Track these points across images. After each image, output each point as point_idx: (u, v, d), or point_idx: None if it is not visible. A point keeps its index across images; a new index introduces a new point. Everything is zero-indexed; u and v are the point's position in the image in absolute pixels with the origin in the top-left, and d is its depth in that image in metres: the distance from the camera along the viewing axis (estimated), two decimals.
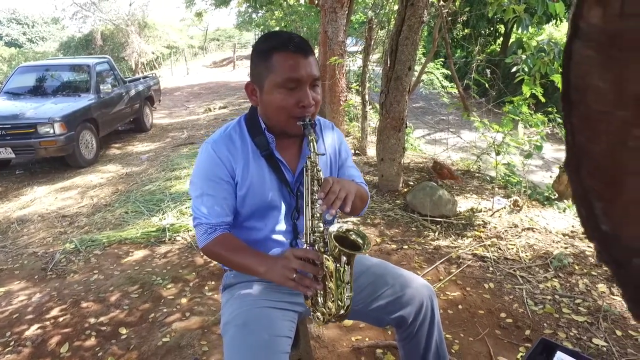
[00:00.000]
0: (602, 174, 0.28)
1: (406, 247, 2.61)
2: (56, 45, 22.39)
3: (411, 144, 5.88)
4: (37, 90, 6.04)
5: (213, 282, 2.40)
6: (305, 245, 1.01)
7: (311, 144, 1.02)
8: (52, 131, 4.95)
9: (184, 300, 2.24)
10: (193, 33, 28.44)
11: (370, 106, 5.50)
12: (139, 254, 2.86)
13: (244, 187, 1.12)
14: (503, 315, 1.94)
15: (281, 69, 1.01)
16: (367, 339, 1.81)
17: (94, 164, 5.58)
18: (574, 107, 0.31)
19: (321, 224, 0.99)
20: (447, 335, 1.80)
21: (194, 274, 2.50)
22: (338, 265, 0.93)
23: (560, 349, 0.86)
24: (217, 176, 1.10)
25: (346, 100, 5.71)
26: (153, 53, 20.58)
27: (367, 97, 4.76)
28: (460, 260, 2.43)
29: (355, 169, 1.30)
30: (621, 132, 0.26)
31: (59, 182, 4.92)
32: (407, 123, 3.61)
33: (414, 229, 2.86)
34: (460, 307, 2.01)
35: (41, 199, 4.39)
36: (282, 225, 1.17)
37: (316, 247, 0.98)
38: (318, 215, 1.00)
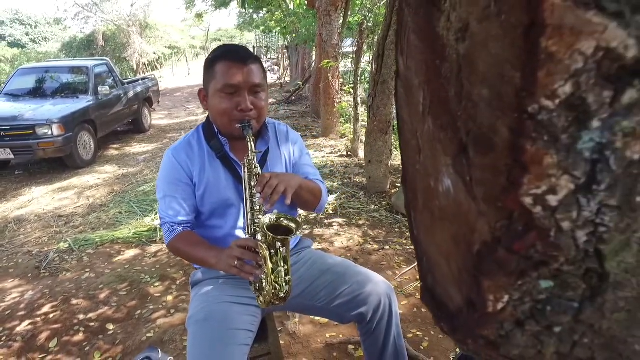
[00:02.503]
0: (411, 188, 0.35)
1: (387, 247, 2.68)
2: (58, 46, 22.53)
3: (393, 145, 5.91)
4: (37, 92, 6.14)
5: (189, 283, 2.47)
6: (248, 235, 1.09)
7: (249, 142, 1.11)
8: (50, 132, 5.04)
9: (169, 298, 2.32)
10: (195, 33, 28.56)
11: (363, 108, 5.57)
12: (130, 253, 2.94)
13: (201, 187, 1.21)
14: None
15: (221, 75, 1.12)
16: (340, 336, 1.88)
17: (92, 164, 5.66)
18: (400, 134, 0.38)
19: (260, 216, 1.07)
20: (418, 333, 1.88)
21: (181, 272, 2.58)
22: (272, 251, 1.00)
23: None
24: (177, 179, 1.21)
25: (340, 102, 5.78)
26: (154, 53, 20.71)
27: (358, 99, 4.82)
28: None
29: (311, 167, 1.38)
30: (414, 157, 0.33)
31: (56, 183, 5.01)
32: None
33: (396, 230, 2.93)
34: None
35: (39, 199, 4.48)
36: (240, 222, 1.25)
37: (257, 237, 1.05)
38: (257, 208, 1.08)
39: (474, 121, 0.21)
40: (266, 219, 1.02)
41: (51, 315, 2.23)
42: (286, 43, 14.88)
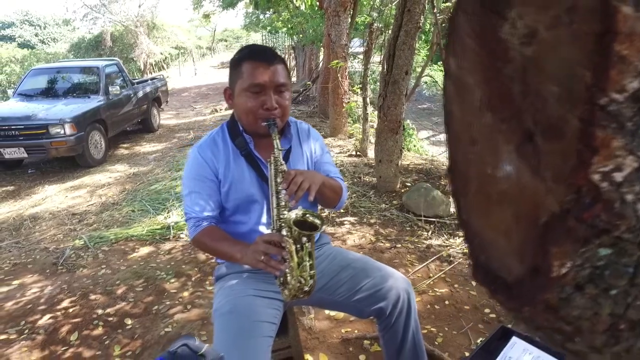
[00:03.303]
0: (461, 177, 0.39)
1: (399, 245, 2.70)
2: (67, 47, 22.74)
3: (414, 145, 5.95)
4: (49, 92, 6.24)
5: (213, 277, 2.52)
6: (273, 230, 1.12)
7: (275, 140, 1.15)
8: (62, 132, 5.13)
9: (185, 294, 2.36)
10: (201, 34, 28.73)
11: (372, 108, 5.60)
12: (144, 250, 2.99)
13: (226, 184, 1.25)
14: (487, 311, 2.04)
15: (247, 75, 1.16)
16: (355, 331, 1.91)
17: (103, 163, 5.75)
18: (448, 127, 0.41)
19: (286, 212, 1.10)
20: (432, 329, 1.90)
21: (196, 269, 2.63)
22: (298, 246, 1.04)
23: (516, 334, 0.96)
24: (202, 176, 1.24)
25: (349, 102, 5.81)
26: (161, 54, 20.85)
27: (368, 99, 4.85)
28: (451, 258, 2.52)
29: (331, 164, 1.41)
30: (466, 148, 0.37)
31: (69, 181, 5.09)
32: (410, 124, 3.70)
33: (408, 228, 2.96)
34: (447, 302, 2.11)
35: (52, 197, 4.55)
36: (264, 218, 1.29)
37: (283, 232, 1.09)
38: (283, 204, 1.11)
39: (542, 113, 0.24)
40: (292, 214, 1.06)
41: (71, 310, 2.28)
42: (292, 43, 14.95)
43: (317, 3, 6.51)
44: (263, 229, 1.29)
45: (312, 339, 1.87)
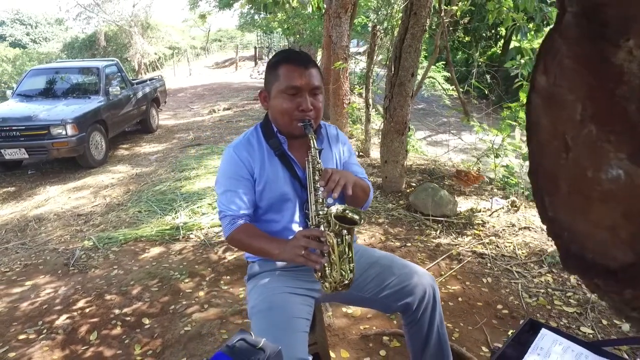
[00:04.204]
0: (548, 178, 0.44)
1: (409, 244, 2.76)
2: (60, 46, 22.55)
3: (412, 146, 6.02)
4: (49, 93, 6.21)
5: (228, 277, 2.55)
6: (312, 226, 1.17)
7: (311, 140, 1.20)
8: (64, 132, 5.11)
9: (201, 294, 2.39)
10: (195, 34, 28.59)
11: (374, 109, 5.65)
12: (155, 250, 3.01)
13: (261, 183, 1.29)
14: (500, 307, 2.10)
15: (284, 78, 1.22)
16: (374, 327, 1.96)
17: (104, 164, 5.73)
18: (532, 136, 0.47)
19: (324, 208, 1.15)
20: (448, 325, 1.96)
21: (209, 269, 2.66)
22: (339, 240, 1.08)
23: (545, 327, 1.01)
24: (238, 175, 1.29)
25: (349, 103, 5.86)
26: (155, 54, 20.76)
27: (370, 101, 4.91)
28: (461, 256, 2.58)
29: (358, 166, 1.46)
30: (556, 154, 0.42)
31: (70, 182, 5.07)
32: (410, 125, 3.77)
33: (416, 227, 3.02)
34: (460, 299, 2.17)
35: (55, 198, 4.54)
36: (296, 216, 1.33)
37: (321, 227, 1.14)
38: (321, 200, 1.16)
39: None
40: (333, 209, 1.10)
41: (87, 310, 2.30)
42: (289, 44, 14.98)
43: (324, 5, 6.57)
44: (295, 227, 1.33)
45: (332, 336, 1.92)
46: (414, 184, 3.79)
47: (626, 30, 0.33)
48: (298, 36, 12.42)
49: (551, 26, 0.43)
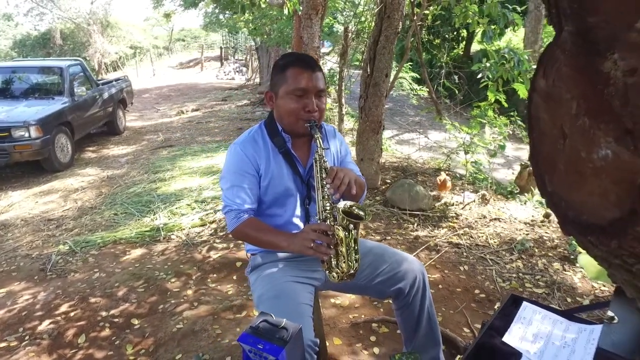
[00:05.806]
0: (547, 161, 0.55)
1: (389, 237, 2.89)
2: (9, 43, 21.25)
3: (383, 144, 6.21)
4: (5, 93, 5.92)
5: (215, 275, 2.58)
6: (319, 220, 1.25)
7: (317, 140, 1.28)
8: (27, 135, 4.90)
9: (189, 292, 2.41)
10: (157, 33, 27.83)
11: (345, 109, 5.79)
12: (136, 252, 2.98)
13: (266, 179, 1.36)
14: (477, 291, 2.26)
15: (292, 80, 1.29)
16: (363, 316, 2.06)
17: (70, 167, 5.53)
18: (533, 128, 0.57)
19: (331, 204, 1.24)
20: None
21: (195, 268, 2.67)
22: (346, 233, 1.17)
23: (526, 300, 1.15)
24: (244, 170, 1.35)
25: None
26: (116, 53, 20.05)
27: (343, 100, 5.04)
28: (438, 247, 2.74)
29: (353, 164, 1.56)
30: (555, 141, 0.53)
31: (35, 187, 4.87)
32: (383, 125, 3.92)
33: (394, 222, 3.16)
34: (440, 286, 2.31)
35: (19, 203, 4.35)
36: (298, 211, 1.41)
37: (328, 222, 1.22)
38: (327, 196, 1.25)
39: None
40: (341, 205, 1.19)
41: (72, 314, 2.26)
42: (255, 44, 14.88)
43: (301, 8, 6.63)
44: (297, 221, 1.41)
45: (323, 325, 2.00)
46: (388, 181, 3.94)
47: (612, 46, 0.44)
48: (265, 37, 12.40)
49: (511, 32, 0.54)
